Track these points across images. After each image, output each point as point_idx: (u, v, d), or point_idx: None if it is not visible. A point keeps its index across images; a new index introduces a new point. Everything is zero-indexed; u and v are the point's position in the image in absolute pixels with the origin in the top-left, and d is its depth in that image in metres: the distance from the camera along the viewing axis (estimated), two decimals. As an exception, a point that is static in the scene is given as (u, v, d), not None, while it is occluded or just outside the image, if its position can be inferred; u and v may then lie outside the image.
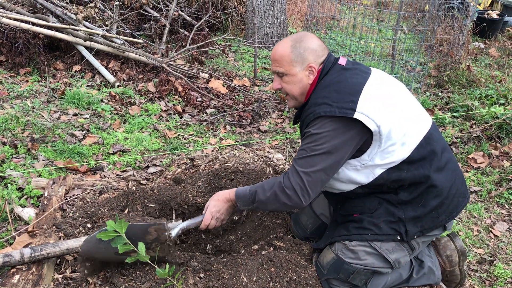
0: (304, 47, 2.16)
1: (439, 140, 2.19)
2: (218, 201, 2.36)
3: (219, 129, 4.42)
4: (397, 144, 2.05)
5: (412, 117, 2.13)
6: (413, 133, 2.09)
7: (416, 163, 2.09)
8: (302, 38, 2.18)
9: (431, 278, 2.38)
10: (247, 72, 5.86)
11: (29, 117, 4.05)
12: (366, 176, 2.13)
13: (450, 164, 2.20)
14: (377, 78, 2.16)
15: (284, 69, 2.19)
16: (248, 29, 6.84)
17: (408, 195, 2.12)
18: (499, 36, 7.87)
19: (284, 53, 2.17)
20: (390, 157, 2.07)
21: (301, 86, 2.21)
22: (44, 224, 2.56)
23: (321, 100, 2.05)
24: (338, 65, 2.18)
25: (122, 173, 3.49)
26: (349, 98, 2.01)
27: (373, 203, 2.19)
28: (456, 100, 5.09)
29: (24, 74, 4.99)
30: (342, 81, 2.10)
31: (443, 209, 2.15)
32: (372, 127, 1.99)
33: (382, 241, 2.15)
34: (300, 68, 2.17)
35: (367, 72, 2.18)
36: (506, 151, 4.07)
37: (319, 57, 2.18)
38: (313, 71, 2.17)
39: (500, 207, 3.48)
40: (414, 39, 6.98)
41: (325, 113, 2.01)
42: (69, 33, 5.16)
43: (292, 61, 2.16)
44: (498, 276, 2.79)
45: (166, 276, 1.94)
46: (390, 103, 2.08)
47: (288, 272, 2.24)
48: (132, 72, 5.20)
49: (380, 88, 2.11)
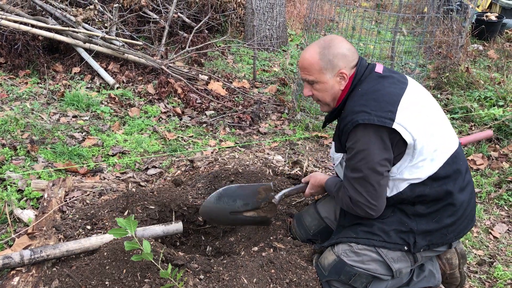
0: (333, 53, 2.10)
1: (463, 160, 2.20)
2: (314, 185, 2.47)
3: (219, 131, 4.42)
4: (427, 160, 2.04)
5: (443, 134, 2.12)
6: (442, 150, 2.08)
7: (441, 180, 2.08)
8: (331, 44, 2.12)
9: (431, 281, 2.38)
10: (247, 74, 5.86)
11: (29, 119, 4.05)
12: (390, 189, 2.12)
13: (470, 186, 2.21)
14: (414, 90, 2.13)
15: (314, 77, 2.15)
16: (247, 31, 6.85)
17: (426, 208, 2.11)
18: (497, 38, 7.88)
19: (313, 60, 2.12)
20: (418, 172, 2.05)
21: (333, 93, 2.18)
22: (44, 226, 2.56)
23: (359, 108, 2.02)
24: (375, 73, 2.14)
25: (121, 175, 3.49)
26: (388, 107, 1.98)
27: (387, 210, 2.16)
28: (455, 101, 5.09)
29: (23, 76, 4.99)
30: (380, 89, 2.06)
31: (454, 228, 2.15)
32: (408, 139, 1.98)
33: (389, 249, 2.15)
34: (330, 75, 2.13)
35: (404, 82, 2.14)
36: (505, 153, 4.07)
37: (350, 62, 2.13)
38: (345, 77, 2.13)
39: (500, 209, 3.49)
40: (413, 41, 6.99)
41: (363, 121, 1.97)
42: (68, 35, 5.16)
43: (322, 69, 2.12)
44: (498, 278, 2.79)
45: (168, 276, 1.94)
46: (426, 117, 2.07)
47: (288, 273, 2.24)
48: (132, 74, 5.20)
49: (417, 101, 2.09)
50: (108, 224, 2.56)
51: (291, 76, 5.89)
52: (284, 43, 7.06)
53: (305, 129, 4.54)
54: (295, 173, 3.43)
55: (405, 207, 2.14)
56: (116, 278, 2.14)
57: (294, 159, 3.71)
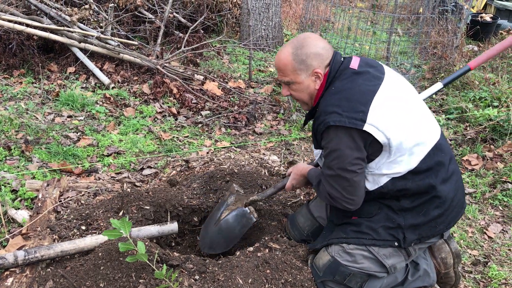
0: (306, 53, 2.10)
1: (447, 150, 2.17)
2: (297, 175, 2.47)
3: (214, 131, 4.41)
4: (405, 155, 2.04)
5: (423, 126, 2.11)
6: (422, 144, 2.07)
7: (422, 173, 2.07)
8: (304, 43, 2.11)
9: (426, 280, 2.39)
10: (242, 74, 5.86)
11: (23, 119, 4.03)
12: (371, 183, 2.12)
13: (455, 175, 2.19)
14: (391, 83, 2.11)
15: (289, 78, 2.16)
16: (243, 31, 6.85)
17: (410, 203, 2.12)
18: (492, 39, 7.91)
19: (287, 61, 2.12)
20: (397, 167, 2.05)
21: (309, 92, 2.19)
22: (38, 226, 2.55)
23: (331, 109, 2.02)
24: (349, 70, 2.12)
25: (116, 175, 3.48)
26: (359, 108, 1.98)
27: (373, 207, 2.18)
28: (450, 102, 5.11)
29: (18, 76, 4.97)
30: (353, 87, 2.05)
31: (442, 219, 2.15)
32: (381, 139, 1.98)
33: (379, 246, 2.15)
34: (305, 75, 2.13)
35: (380, 77, 2.11)
36: (500, 153, 4.09)
37: (325, 60, 2.13)
38: (320, 76, 2.13)
39: (494, 209, 3.50)
40: (409, 41, 7.01)
41: (334, 122, 1.98)
42: (63, 34, 5.14)
43: (296, 69, 2.12)
44: (493, 278, 2.80)
45: (163, 277, 1.94)
46: (402, 112, 2.05)
47: (283, 274, 2.24)
48: (127, 73, 5.19)
49: (392, 96, 2.07)
50: (103, 225, 2.56)
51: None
52: (280, 44, 7.06)
53: (300, 129, 4.54)
54: (290, 173, 3.43)
55: (390, 202, 2.15)
56: (111, 278, 2.13)
57: (290, 159, 3.71)
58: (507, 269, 2.89)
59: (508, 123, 4.28)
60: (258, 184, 3.06)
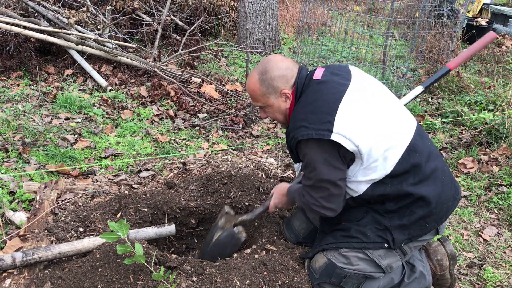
0: (271, 77, 2.17)
1: (422, 149, 2.14)
2: (278, 194, 2.52)
3: (212, 133, 4.43)
4: (379, 160, 2.05)
5: (394, 129, 2.10)
6: (395, 147, 2.07)
7: (399, 177, 2.08)
8: (267, 68, 2.19)
9: (422, 282, 2.40)
10: (240, 77, 5.88)
11: (21, 121, 4.04)
12: (352, 191, 2.15)
13: (437, 172, 2.16)
14: (356, 88, 2.11)
15: (261, 102, 2.26)
16: (240, 34, 6.87)
17: (394, 205, 2.13)
18: (488, 43, 7.96)
19: (255, 88, 2.21)
20: (372, 173, 2.07)
21: (282, 112, 2.27)
22: (36, 228, 2.55)
23: (299, 123, 2.07)
24: (313, 81, 2.16)
25: (114, 177, 3.49)
26: (326, 118, 2.01)
27: (359, 211, 2.21)
28: (446, 106, 5.14)
29: (15, 78, 4.97)
30: (317, 99, 2.09)
31: (431, 218, 2.14)
32: (350, 147, 2.00)
33: (370, 249, 2.17)
34: (274, 97, 2.21)
35: (345, 83, 2.12)
36: (495, 157, 4.12)
37: (290, 80, 2.19)
38: (288, 95, 2.19)
39: (489, 212, 3.53)
40: (405, 45, 7.05)
41: (302, 136, 2.03)
42: (61, 37, 5.15)
43: (265, 94, 2.21)
44: (488, 280, 2.82)
45: (161, 279, 1.94)
46: (370, 117, 2.06)
47: (280, 275, 2.25)
48: (124, 76, 5.19)
49: (359, 101, 2.08)
50: (101, 227, 2.56)
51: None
52: (277, 47, 7.09)
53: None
54: (287, 175, 3.45)
55: (375, 206, 2.17)
56: (108, 280, 2.13)
57: (287, 162, 3.73)
58: (502, 271, 2.91)
59: (503, 127, 4.31)
60: (255, 187, 3.07)
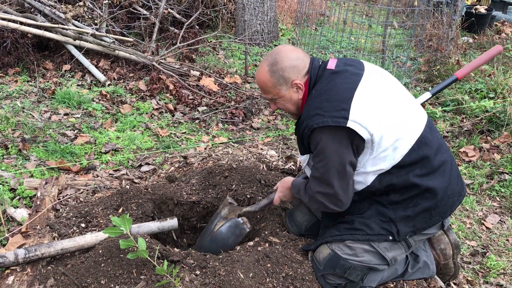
0: (281, 68, 2.13)
1: (432, 142, 2.14)
2: (283, 188, 2.51)
3: (212, 126, 4.41)
4: (389, 150, 2.03)
5: (406, 120, 2.10)
6: (405, 137, 2.06)
7: (407, 167, 2.07)
8: (277, 58, 2.14)
9: (426, 272, 2.40)
10: (238, 69, 5.85)
11: (20, 117, 4.02)
12: (359, 184, 2.13)
13: (445, 165, 2.16)
14: (370, 79, 2.11)
15: (272, 94, 2.21)
16: (238, 26, 6.83)
17: (399, 196, 2.12)
18: (487, 30, 7.93)
19: (265, 79, 2.16)
20: (381, 163, 2.05)
21: (294, 103, 2.22)
22: (38, 224, 2.54)
23: (313, 112, 2.04)
24: (327, 71, 2.14)
25: (115, 172, 3.48)
26: (341, 106, 1.99)
27: (363, 204, 2.19)
28: (446, 94, 5.12)
29: (13, 74, 4.95)
30: (332, 88, 2.07)
31: (436, 211, 2.13)
32: (365, 135, 1.98)
33: (374, 241, 2.16)
34: (286, 88, 2.17)
35: (359, 73, 2.12)
36: (497, 144, 4.10)
37: (302, 70, 2.15)
38: (300, 86, 2.15)
39: (492, 200, 3.52)
40: (404, 34, 7.01)
41: (318, 124, 2.00)
42: (58, 32, 5.12)
43: (276, 85, 2.16)
44: (491, 268, 2.82)
45: (164, 273, 1.94)
46: (384, 106, 2.05)
47: (284, 267, 2.25)
48: (123, 70, 5.17)
49: (373, 91, 2.07)
50: (103, 222, 2.55)
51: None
52: (275, 38, 7.05)
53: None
54: (289, 167, 3.43)
55: (379, 198, 2.16)
56: (111, 275, 2.13)
57: (288, 154, 3.71)
58: (505, 259, 2.91)
59: (504, 114, 4.30)
60: (257, 179, 3.06)
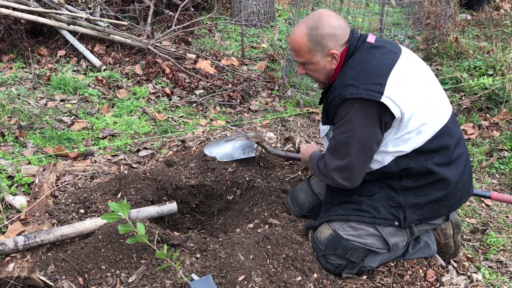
0: (321, 34, 2.04)
1: (454, 133, 2.14)
2: (303, 155, 2.54)
3: (209, 110, 4.38)
4: (413, 133, 2.01)
5: (434, 107, 2.08)
6: (431, 124, 2.04)
7: (426, 154, 2.05)
8: (318, 23, 2.05)
9: (427, 252, 2.40)
10: (235, 52, 5.79)
11: (15, 104, 3.98)
12: (376, 162, 2.10)
13: (461, 159, 2.15)
14: (407, 60, 2.08)
15: (304, 58, 2.13)
16: (234, 7, 6.75)
17: (413, 182, 2.10)
18: (485, 7, 7.85)
19: (301, 42, 2.08)
20: (403, 145, 2.03)
21: (325, 72, 2.15)
22: (37, 211, 2.53)
23: (348, 81, 1.98)
24: (367, 43, 2.09)
25: (113, 158, 3.46)
26: (377, 80, 1.95)
27: (374, 186, 2.17)
28: (445, 72, 5.08)
29: (7, 61, 4.89)
30: (370, 60, 2.02)
31: (445, 202, 2.13)
32: (396, 113, 1.94)
33: (379, 225, 2.15)
34: (321, 56, 2.09)
35: (397, 52, 2.09)
36: (496, 122, 4.09)
37: (341, 40, 2.07)
38: (336, 57, 2.09)
39: (491, 177, 3.52)
40: (402, 12, 6.94)
41: (351, 95, 1.94)
42: (51, 17, 5.05)
43: (311, 50, 2.08)
44: (491, 245, 2.83)
45: (164, 257, 1.93)
46: (417, 89, 2.03)
47: (284, 249, 2.25)
48: (118, 55, 5.12)
49: (409, 72, 2.04)
50: (102, 207, 2.55)
51: (280, 52, 5.83)
52: (272, 19, 6.97)
53: (296, 105, 4.51)
54: (287, 149, 3.42)
55: (391, 182, 2.13)
56: (112, 260, 2.13)
57: (286, 136, 3.70)
58: (505, 235, 2.92)
59: (503, 91, 4.27)
60: (256, 162, 3.06)
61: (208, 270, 2.07)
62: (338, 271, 2.26)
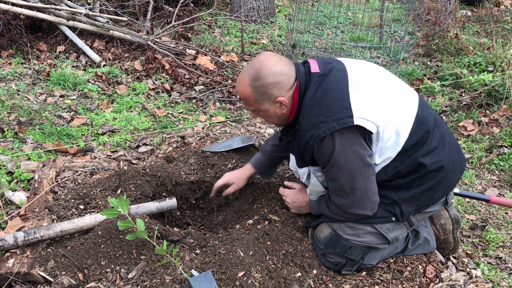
0: (264, 85, 1.99)
1: (428, 118, 2.10)
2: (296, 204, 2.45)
3: (209, 106, 4.38)
4: (392, 138, 1.99)
5: (401, 104, 2.05)
6: (404, 121, 2.02)
7: (410, 150, 2.03)
8: (259, 74, 1.99)
9: (426, 248, 2.40)
10: (235, 47, 5.78)
11: (15, 100, 3.98)
12: None
13: (443, 138, 2.13)
14: (356, 71, 2.05)
15: (253, 107, 2.10)
16: (234, 3, 6.73)
17: (403, 179, 2.09)
18: (486, 3, 7.83)
19: (247, 93, 2.04)
20: (387, 152, 2.01)
21: (278, 117, 2.12)
22: (36, 207, 2.53)
23: (314, 120, 1.94)
24: (314, 74, 2.03)
25: (112, 154, 3.46)
26: (341, 105, 1.92)
27: None
28: (445, 68, 5.08)
29: (6, 57, 4.88)
30: (326, 91, 1.98)
31: (440, 187, 2.12)
32: (372, 128, 1.93)
33: (378, 223, 2.15)
34: (268, 104, 2.05)
35: (343, 69, 2.05)
36: (496, 118, 4.09)
37: (286, 86, 2.02)
38: (284, 103, 2.04)
39: (491, 174, 3.52)
40: (402, 8, 6.93)
41: (325, 132, 1.91)
42: (51, 13, 5.04)
43: (258, 100, 2.04)
44: (490, 241, 2.83)
45: (164, 253, 1.94)
46: (378, 95, 2.00)
47: (284, 245, 2.25)
48: (118, 51, 5.10)
49: (363, 82, 2.02)
50: (101, 203, 2.55)
51: (280, 48, 5.82)
52: (272, 14, 6.96)
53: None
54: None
55: (383, 183, 2.12)
56: (112, 256, 2.13)
57: (286, 132, 3.69)
58: (504, 231, 2.92)
59: (503, 88, 4.27)
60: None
61: (207, 266, 2.07)
62: (337, 269, 2.26)
